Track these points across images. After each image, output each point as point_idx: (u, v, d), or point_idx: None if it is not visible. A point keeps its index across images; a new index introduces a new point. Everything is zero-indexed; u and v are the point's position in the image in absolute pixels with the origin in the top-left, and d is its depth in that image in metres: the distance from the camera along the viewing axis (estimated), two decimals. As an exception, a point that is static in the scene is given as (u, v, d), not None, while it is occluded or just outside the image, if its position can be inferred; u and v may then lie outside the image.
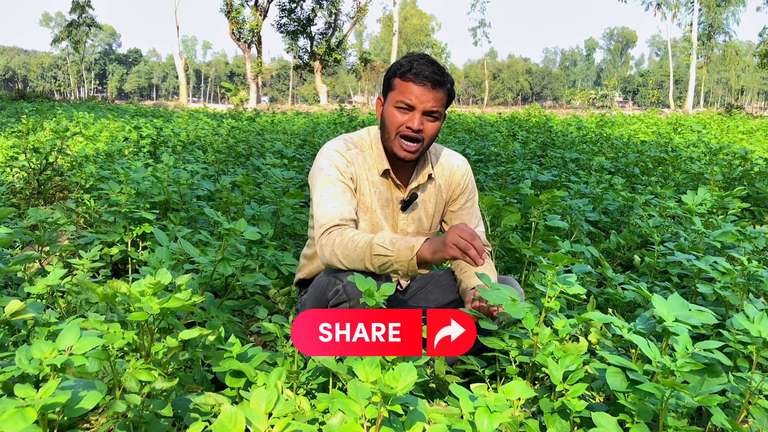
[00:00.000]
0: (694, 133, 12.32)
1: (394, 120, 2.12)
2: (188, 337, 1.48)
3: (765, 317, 1.64)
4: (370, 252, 1.92)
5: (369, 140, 2.26)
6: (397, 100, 2.11)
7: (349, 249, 1.95)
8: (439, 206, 2.37)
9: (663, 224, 3.88)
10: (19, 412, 1.05)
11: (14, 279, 2.85)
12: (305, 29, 46.66)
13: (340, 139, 2.25)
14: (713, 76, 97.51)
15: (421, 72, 2.06)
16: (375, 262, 1.92)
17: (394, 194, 2.26)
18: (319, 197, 2.09)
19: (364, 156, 2.23)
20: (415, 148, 2.12)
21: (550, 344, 1.76)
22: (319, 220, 2.05)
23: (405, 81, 2.09)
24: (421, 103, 2.08)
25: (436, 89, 2.08)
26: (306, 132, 10.08)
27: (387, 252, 1.90)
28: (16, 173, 5.38)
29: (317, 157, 2.21)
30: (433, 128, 2.13)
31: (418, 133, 2.10)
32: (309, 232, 2.37)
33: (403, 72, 2.09)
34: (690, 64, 51.70)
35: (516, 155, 7.32)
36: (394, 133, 2.13)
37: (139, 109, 20.23)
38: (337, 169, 2.13)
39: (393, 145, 2.15)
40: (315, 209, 2.10)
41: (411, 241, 1.91)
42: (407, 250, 1.89)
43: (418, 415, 1.37)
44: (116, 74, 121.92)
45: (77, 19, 50.23)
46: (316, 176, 2.16)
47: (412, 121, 2.09)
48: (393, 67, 2.16)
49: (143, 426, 1.43)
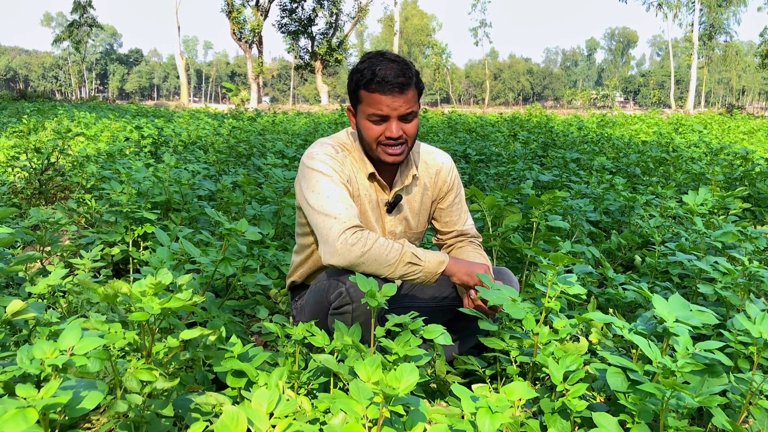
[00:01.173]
0: (695, 134, 12.31)
1: (371, 133, 2.06)
2: (189, 337, 1.48)
3: (766, 318, 1.64)
4: (402, 258, 1.96)
5: (351, 143, 2.20)
6: (368, 114, 2.04)
7: (380, 253, 1.93)
8: (426, 205, 2.34)
9: (664, 224, 3.88)
10: (21, 412, 1.05)
11: (16, 279, 2.85)
12: (306, 29, 46.65)
13: (324, 144, 2.16)
14: (714, 76, 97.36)
15: (384, 78, 1.97)
16: (405, 269, 1.97)
17: (379, 197, 2.22)
18: (327, 198, 2.00)
19: (351, 158, 2.17)
20: (400, 150, 2.08)
21: (550, 344, 1.76)
22: (340, 217, 1.96)
23: (371, 92, 2.01)
24: (394, 110, 2.01)
25: (404, 92, 2.01)
26: (307, 132, 10.08)
27: (418, 261, 1.98)
28: (18, 173, 5.39)
29: (307, 162, 2.11)
30: (412, 128, 2.07)
31: (399, 139, 2.05)
32: (300, 238, 2.32)
33: (367, 82, 2.00)
34: (691, 65, 51.63)
35: (517, 155, 7.32)
36: (375, 144, 2.07)
37: (141, 109, 20.25)
38: (335, 171, 2.07)
39: (378, 154, 2.09)
40: (324, 209, 2.00)
41: (440, 256, 2.01)
42: (437, 264, 2.00)
43: (420, 416, 1.37)
44: (117, 74, 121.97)
45: (78, 19, 50.24)
46: (312, 179, 2.07)
47: (390, 130, 2.03)
48: (355, 78, 2.06)
49: (144, 426, 1.43)
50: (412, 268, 1.97)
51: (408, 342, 1.65)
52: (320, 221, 2.00)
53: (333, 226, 1.96)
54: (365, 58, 2.06)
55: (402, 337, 1.67)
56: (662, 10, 54.68)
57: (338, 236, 1.93)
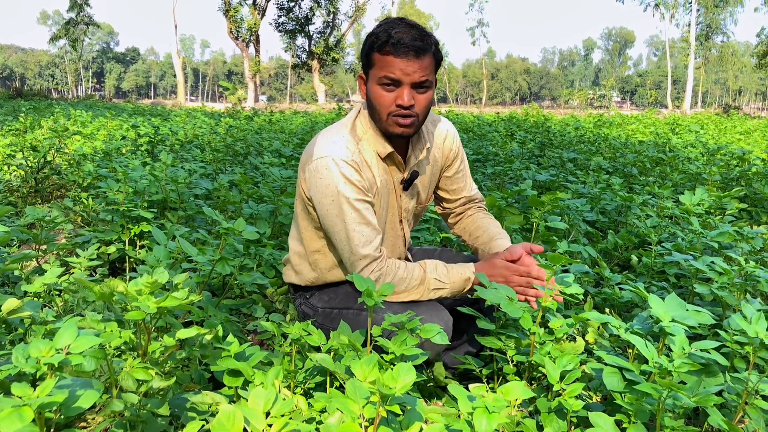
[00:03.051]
0: (691, 134, 12.32)
1: (382, 100, 1.93)
2: (186, 336, 1.48)
3: (762, 318, 1.64)
4: (424, 287, 1.98)
5: (361, 126, 2.06)
6: (380, 77, 1.91)
7: (401, 287, 1.97)
8: (435, 176, 2.27)
9: (661, 224, 3.88)
10: (16, 411, 1.05)
11: (11, 277, 2.84)
12: (303, 28, 46.63)
13: (337, 141, 1.99)
14: (711, 76, 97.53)
15: (400, 40, 1.85)
16: (431, 295, 2.00)
17: (394, 176, 2.11)
18: (343, 224, 1.94)
19: (364, 146, 2.04)
20: (410, 122, 1.94)
21: (547, 344, 1.76)
22: (355, 252, 1.93)
23: (384, 54, 1.89)
24: (407, 75, 1.88)
25: (420, 57, 1.88)
26: (304, 131, 10.07)
27: (443, 286, 2.00)
28: (14, 171, 5.38)
29: (321, 171, 1.95)
30: (425, 99, 1.94)
31: (410, 109, 1.92)
32: (305, 238, 2.17)
33: (381, 44, 1.88)
34: (688, 65, 51.75)
35: (514, 155, 7.32)
36: (386, 114, 1.94)
37: (137, 107, 20.22)
38: (353, 185, 1.94)
39: (387, 125, 1.96)
40: (342, 238, 1.95)
41: (465, 272, 2.02)
42: (463, 282, 2.01)
43: (416, 415, 1.37)
44: (114, 73, 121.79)
45: (75, 17, 50.19)
46: (329, 197, 1.95)
47: (401, 98, 1.89)
48: (369, 40, 1.94)
49: (140, 425, 1.42)
50: (438, 293, 2.01)
51: (404, 341, 1.64)
52: (339, 247, 1.99)
53: (352, 261, 1.96)
54: (383, 21, 1.97)
55: (399, 336, 1.67)
56: (659, 11, 54.79)
57: (359, 269, 1.95)
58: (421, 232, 3.53)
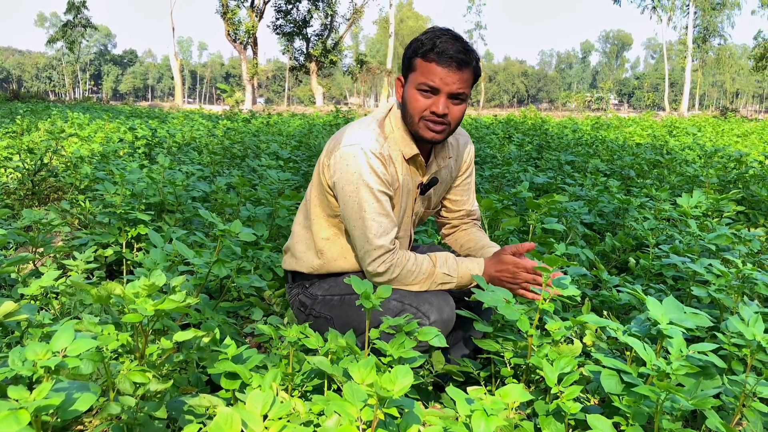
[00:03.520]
0: (689, 136, 12.35)
1: (417, 104, 1.97)
2: (183, 338, 1.47)
3: (759, 320, 1.64)
4: (431, 280, 2.03)
5: (390, 125, 2.10)
6: (419, 83, 1.95)
7: (409, 279, 2.01)
8: (447, 186, 2.32)
9: (658, 227, 3.88)
10: (13, 414, 1.04)
11: (8, 280, 2.83)
12: (301, 31, 46.63)
13: (368, 133, 2.03)
14: (708, 79, 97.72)
15: (445, 51, 1.90)
16: (437, 288, 2.05)
17: (414, 178, 2.15)
18: (364, 213, 1.97)
19: (391, 146, 2.07)
20: (441, 128, 1.99)
21: (544, 346, 1.76)
22: (372, 242, 1.96)
23: (427, 62, 1.93)
24: (446, 85, 1.93)
25: (461, 69, 1.93)
26: (302, 134, 10.07)
27: (450, 280, 2.05)
28: (11, 174, 5.37)
29: (349, 158, 1.99)
30: (458, 111, 1.99)
31: (443, 118, 1.97)
32: (316, 224, 2.17)
33: (425, 51, 1.93)
34: (685, 67, 51.85)
35: (512, 157, 7.33)
36: (418, 117, 1.98)
37: (135, 110, 20.22)
38: (378, 177, 1.97)
39: (418, 128, 2.00)
40: (360, 226, 1.98)
41: (474, 268, 2.06)
42: (470, 278, 2.05)
43: (414, 418, 1.37)
44: (111, 75, 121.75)
45: (72, 19, 50.17)
46: (354, 185, 1.98)
47: (436, 105, 1.94)
48: (414, 45, 1.98)
49: (137, 428, 1.42)
50: (446, 286, 2.05)
51: (402, 344, 1.64)
52: (356, 234, 2.02)
53: (366, 249, 1.99)
54: (429, 30, 2.00)
55: (396, 339, 1.67)
56: (657, 13, 54.86)
57: (368, 262, 1.99)
58: (419, 233, 3.53)
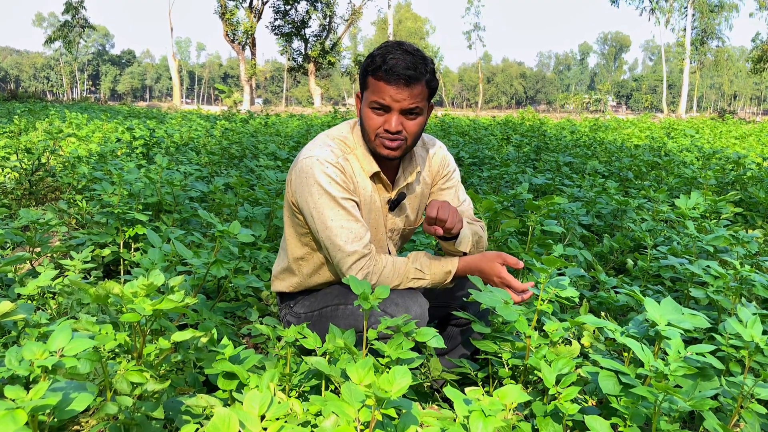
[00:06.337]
0: (687, 138, 12.37)
1: (371, 122, 1.97)
2: (180, 338, 1.47)
3: (757, 322, 1.64)
4: (405, 275, 2.01)
5: (352, 139, 2.09)
6: (371, 101, 1.94)
7: (386, 281, 1.99)
8: (425, 197, 2.29)
9: (656, 228, 3.89)
10: (10, 413, 1.04)
11: (5, 280, 2.83)
12: (299, 31, 46.62)
13: (324, 146, 2.03)
14: (706, 81, 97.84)
15: (393, 68, 1.88)
16: (410, 284, 2.02)
17: (381, 195, 2.14)
18: (330, 222, 1.95)
19: (352, 158, 2.07)
20: (397, 144, 1.98)
21: (542, 347, 1.76)
22: (343, 249, 1.94)
23: (377, 80, 1.92)
24: (396, 102, 1.91)
25: (410, 85, 1.90)
26: (300, 134, 10.07)
27: (422, 276, 2.02)
28: (8, 174, 5.36)
29: (305, 170, 1.99)
30: (414, 126, 1.97)
31: (397, 134, 1.96)
32: (289, 245, 2.19)
33: (375, 69, 1.92)
34: (683, 69, 51.89)
35: (510, 159, 7.34)
36: (373, 135, 1.98)
37: (133, 110, 20.20)
38: (338, 185, 1.97)
39: (374, 146, 2.00)
40: (329, 233, 1.95)
41: (447, 265, 2.03)
42: (444, 274, 2.03)
43: (412, 419, 1.36)
44: (109, 75, 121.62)
45: (70, 20, 50.14)
46: (314, 196, 1.97)
47: (389, 123, 1.93)
48: (366, 63, 1.97)
49: (134, 428, 1.42)
50: (419, 283, 2.03)
51: (400, 344, 1.64)
52: (327, 245, 1.99)
53: (339, 258, 1.97)
54: (383, 44, 1.98)
55: (394, 339, 1.67)
56: (655, 15, 54.92)
57: (344, 270, 1.96)
58: (418, 235, 3.53)
